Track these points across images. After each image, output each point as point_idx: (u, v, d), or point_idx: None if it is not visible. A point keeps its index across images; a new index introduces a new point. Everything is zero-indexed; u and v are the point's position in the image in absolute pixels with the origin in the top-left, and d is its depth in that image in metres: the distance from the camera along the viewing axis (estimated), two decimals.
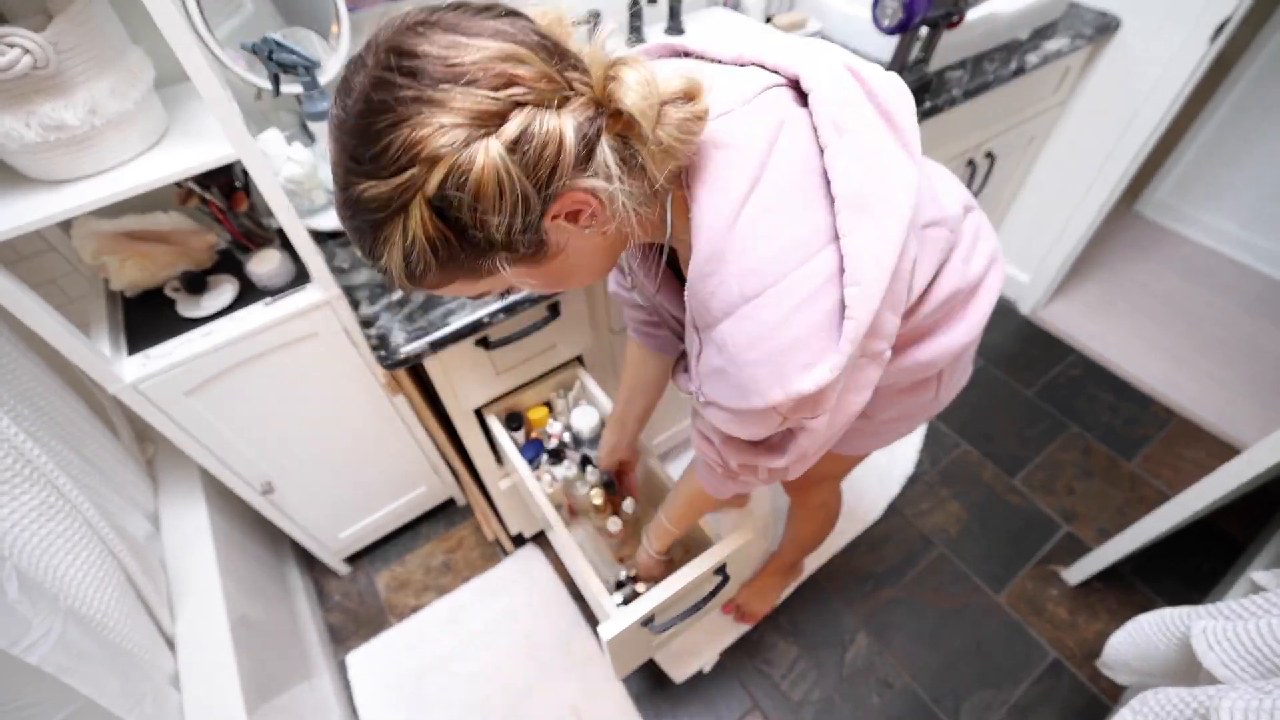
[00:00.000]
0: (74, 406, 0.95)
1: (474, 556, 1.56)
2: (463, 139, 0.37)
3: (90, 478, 0.92)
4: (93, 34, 0.75)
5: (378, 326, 0.92)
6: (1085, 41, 1.43)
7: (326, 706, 1.25)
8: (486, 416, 1.15)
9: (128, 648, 0.83)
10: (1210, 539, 1.46)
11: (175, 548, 1.07)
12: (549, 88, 0.38)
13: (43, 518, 0.76)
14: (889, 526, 1.57)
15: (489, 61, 0.37)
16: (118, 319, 1.02)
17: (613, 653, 0.94)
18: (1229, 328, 1.95)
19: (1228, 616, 0.83)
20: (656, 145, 0.42)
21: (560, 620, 1.43)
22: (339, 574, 1.54)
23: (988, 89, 1.31)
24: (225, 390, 1.02)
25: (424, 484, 1.49)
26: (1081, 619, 1.40)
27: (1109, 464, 1.66)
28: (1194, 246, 2.21)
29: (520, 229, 0.40)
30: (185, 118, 0.90)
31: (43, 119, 0.73)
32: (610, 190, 0.41)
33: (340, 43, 1.05)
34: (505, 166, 0.37)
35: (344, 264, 1.02)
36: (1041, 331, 2.00)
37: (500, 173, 0.37)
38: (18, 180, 0.80)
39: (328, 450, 1.23)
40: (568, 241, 0.46)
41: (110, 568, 0.84)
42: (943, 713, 1.29)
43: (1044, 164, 1.81)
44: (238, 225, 1.05)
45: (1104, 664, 1.07)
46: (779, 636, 1.41)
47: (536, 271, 0.47)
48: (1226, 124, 2.03)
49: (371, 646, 1.42)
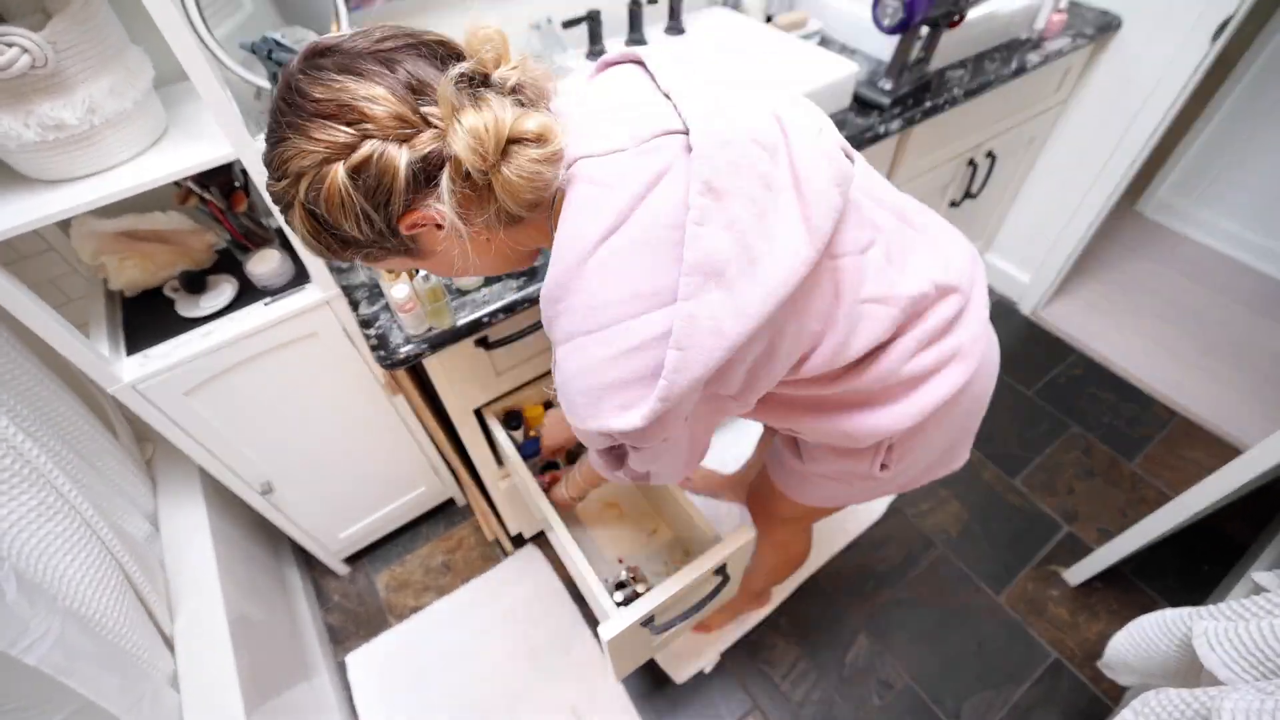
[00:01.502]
0: (73, 407, 0.95)
1: (474, 557, 1.56)
2: (318, 161, 0.45)
3: (89, 478, 0.92)
4: (91, 33, 0.75)
5: (377, 326, 0.92)
6: (1086, 41, 1.43)
7: (326, 707, 1.24)
8: (486, 416, 1.15)
9: (126, 648, 0.82)
10: (1211, 539, 1.46)
11: (174, 548, 1.07)
12: (395, 126, 0.44)
13: (41, 518, 0.76)
14: (889, 527, 1.57)
15: (352, 100, 0.44)
16: (116, 319, 1.01)
17: (613, 653, 0.94)
18: (1230, 327, 1.94)
19: (1229, 617, 0.82)
20: (501, 180, 0.47)
21: (560, 621, 1.43)
22: (338, 574, 1.54)
23: (988, 88, 1.31)
24: (224, 390, 1.02)
25: (424, 484, 1.49)
26: (1082, 619, 1.40)
27: (1110, 464, 1.66)
28: (1195, 246, 2.21)
29: (374, 236, 0.49)
30: (184, 117, 0.90)
31: (41, 118, 0.72)
32: (446, 213, 0.46)
33: None
34: (346, 188, 0.45)
35: (343, 264, 1.02)
36: (1042, 331, 2.00)
37: (341, 192, 0.45)
38: (16, 180, 0.80)
39: (327, 450, 1.23)
40: (438, 244, 0.52)
41: (109, 568, 0.84)
42: (943, 713, 1.29)
43: (1045, 163, 1.81)
44: (237, 225, 1.04)
45: (1105, 665, 1.07)
46: (779, 637, 1.41)
47: (422, 263, 0.56)
48: (1228, 123, 2.03)
49: (371, 647, 1.42)
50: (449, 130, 0.45)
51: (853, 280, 0.54)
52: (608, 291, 0.47)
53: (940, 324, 0.61)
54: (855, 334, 0.56)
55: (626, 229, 0.46)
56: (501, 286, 0.95)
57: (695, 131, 0.47)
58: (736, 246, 0.46)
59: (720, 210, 0.45)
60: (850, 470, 0.74)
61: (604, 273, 0.47)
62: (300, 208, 0.48)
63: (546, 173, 0.48)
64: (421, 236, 0.51)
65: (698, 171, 0.45)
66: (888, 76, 1.23)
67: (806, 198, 0.48)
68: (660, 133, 0.48)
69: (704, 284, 0.45)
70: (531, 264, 0.61)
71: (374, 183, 0.45)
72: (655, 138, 0.48)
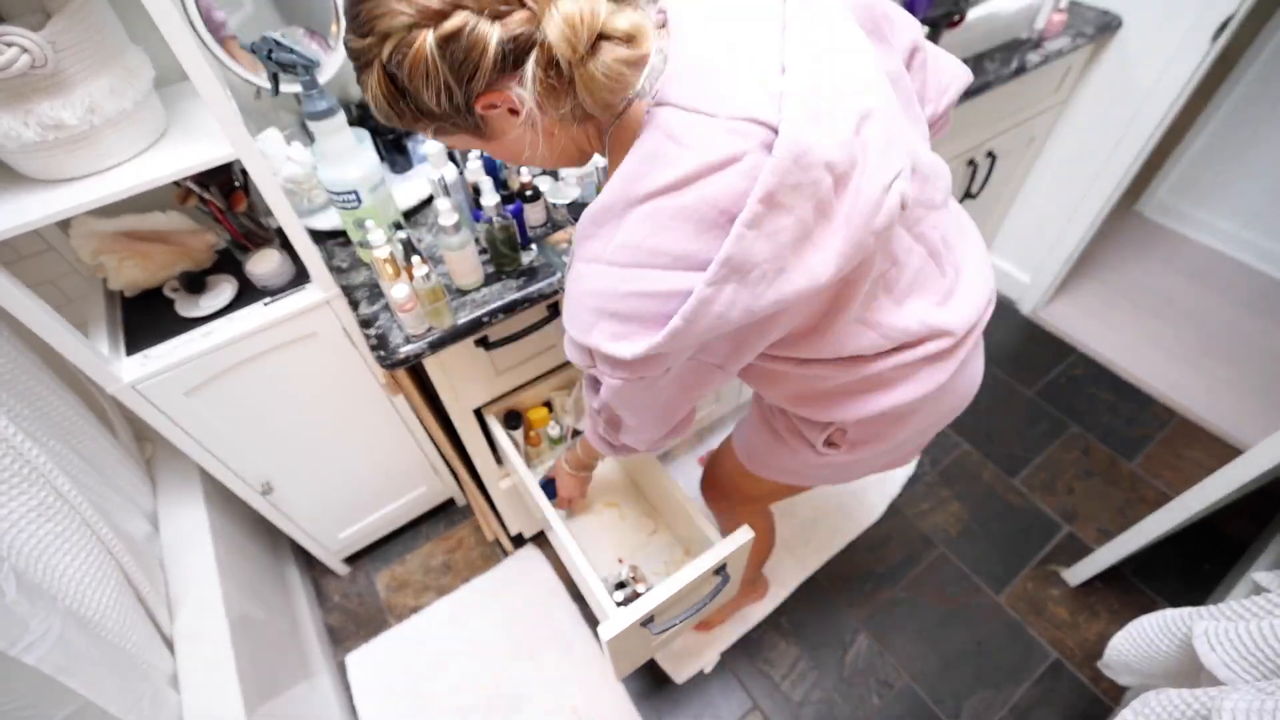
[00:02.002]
0: (73, 406, 0.95)
1: (474, 557, 1.56)
2: (407, 24, 0.44)
3: (89, 478, 0.92)
4: (91, 33, 0.75)
5: (377, 326, 0.92)
6: (1086, 40, 1.43)
7: (326, 707, 1.24)
8: (486, 417, 1.15)
9: (126, 648, 0.82)
10: (1211, 539, 1.46)
11: (174, 548, 1.07)
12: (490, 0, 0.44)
13: (41, 518, 0.76)
14: (889, 527, 1.57)
15: None
16: (116, 319, 1.01)
17: (613, 653, 0.94)
18: (1230, 327, 1.94)
19: (1229, 617, 0.82)
20: (585, 74, 0.46)
21: (560, 620, 1.43)
22: (338, 574, 1.54)
23: (989, 88, 1.31)
24: (224, 390, 1.02)
25: (424, 484, 1.49)
26: (1082, 619, 1.40)
27: (1110, 464, 1.66)
28: (1195, 246, 2.21)
29: (450, 110, 0.49)
30: (184, 117, 0.90)
31: (41, 118, 0.72)
32: (526, 100, 0.47)
33: (340, 42, 1.05)
34: (432, 57, 0.44)
35: (343, 264, 1.02)
36: (1042, 331, 2.00)
37: (427, 60, 0.45)
38: (16, 180, 0.79)
39: (327, 450, 1.23)
40: (508, 129, 0.52)
41: (109, 568, 0.84)
42: (943, 713, 1.29)
43: (1045, 163, 1.81)
44: (237, 225, 1.04)
45: (1105, 665, 1.07)
46: (779, 637, 1.41)
47: (487, 145, 0.56)
48: (1228, 123, 2.03)
49: (371, 647, 1.42)
50: (543, 14, 0.44)
51: (852, 299, 0.57)
52: (645, 239, 0.48)
53: (923, 356, 0.64)
54: (841, 341, 0.60)
55: (682, 194, 0.47)
56: (501, 287, 0.95)
57: (782, 140, 0.46)
58: (771, 255, 0.47)
59: (771, 219, 0.46)
60: (801, 446, 0.78)
61: (649, 222, 0.48)
62: (380, 69, 0.47)
63: (630, 75, 0.48)
64: (493, 119, 0.51)
65: (765, 180, 0.45)
66: None
67: (851, 234, 0.49)
68: (752, 119, 0.47)
69: (729, 276, 0.47)
70: (583, 164, 0.62)
71: (461, 55, 0.45)
72: (745, 120, 0.47)
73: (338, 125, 0.85)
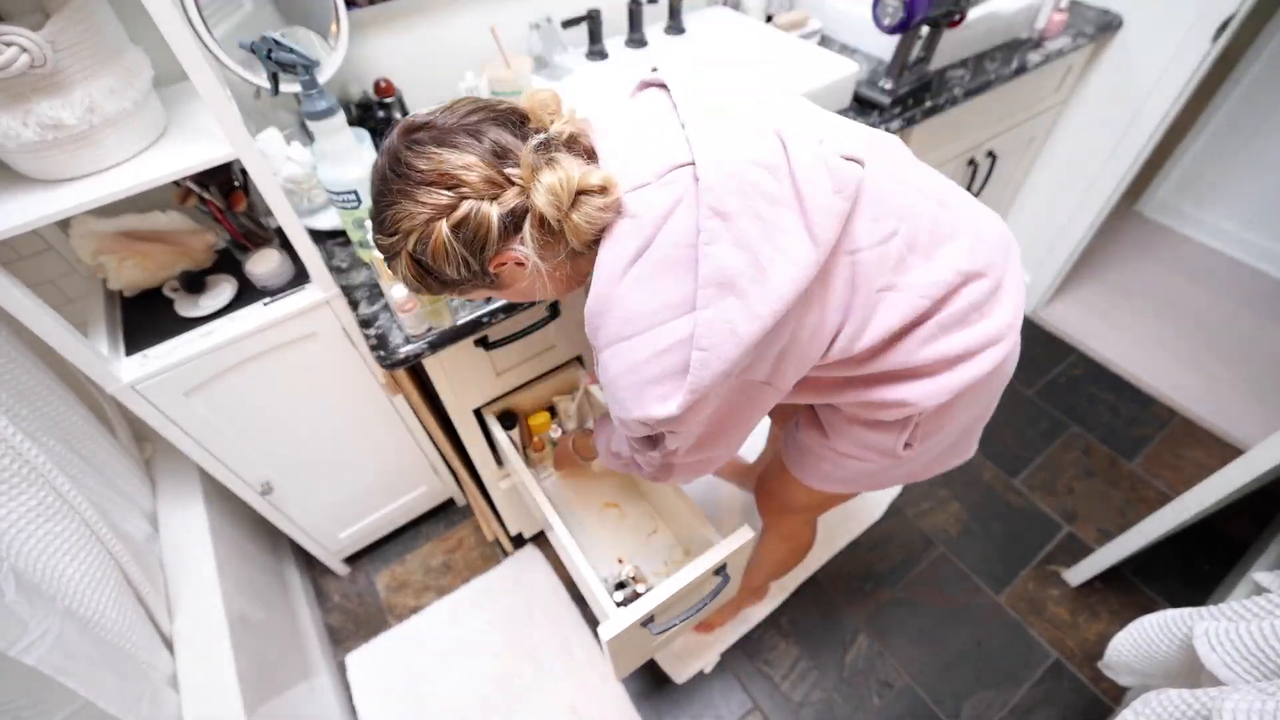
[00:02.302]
0: (72, 407, 0.95)
1: (474, 557, 1.56)
2: (424, 220, 0.54)
3: (88, 478, 0.92)
4: (90, 32, 0.75)
5: (377, 326, 0.92)
6: (1087, 40, 1.43)
7: (326, 707, 1.24)
8: (486, 416, 1.15)
9: (126, 648, 0.82)
10: (1212, 540, 1.46)
11: (174, 548, 1.07)
12: (486, 187, 0.54)
13: (40, 518, 0.76)
14: (889, 527, 1.57)
15: (450, 169, 0.53)
16: (116, 319, 1.01)
17: (612, 653, 0.94)
18: (1230, 327, 1.94)
19: (1230, 618, 0.82)
20: (572, 225, 0.55)
21: (560, 621, 1.43)
22: (338, 574, 1.54)
23: (989, 88, 1.31)
24: (224, 390, 1.01)
25: (424, 484, 1.49)
26: (1082, 620, 1.40)
27: (1110, 464, 1.66)
28: (1195, 246, 2.21)
29: (469, 275, 0.59)
30: (184, 117, 0.89)
31: (40, 118, 0.72)
32: (529, 255, 0.57)
33: (339, 42, 1.05)
34: (449, 241, 0.55)
35: (343, 263, 1.02)
36: (1042, 331, 2.00)
37: (445, 244, 0.55)
38: (15, 180, 0.79)
39: (327, 450, 1.23)
40: (519, 278, 0.61)
41: (108, 568, 0.84)
42: (943, 713, 1.29)
43: (1045, 163, 1.81)
44: (236, 225, 1.04)
45: (1105, 665, 1.07)
46: (779, 637, 1.41)
47: (502, 293, 0.65)
48: (1228, 123, 2.03)
49: (371, 647, 1.42)
50: (531, 188, 0.54)
51: (871, 272, 0.59)
52: (639, 304, 0.56)
53: (966, 307, 0.64)
54: (872, 320, 0.61)
55: (651, 252, 0.55)
56: None
57: (700, 164, 0.54)
58: (746, 259, 0.53)
59: (728, 229, 0.53)
60: (876, 445, 0.76)
61: (635, 288, 0.56)
62: (407, 256, 0.57)
63: (607, 216, 0.56)
64: (505, 273, 0.60)
65: (704, 199, 0.53)
66: (888, 76, 1.22)
67: (808, 209, 0.54)
68: (675, 166, 0.56)
69: (718, 294, 0.53)
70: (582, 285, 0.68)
71: (471, 234, 0.55)
72: (671, 170, 0.56)
73: (337, 125, 0.85)
